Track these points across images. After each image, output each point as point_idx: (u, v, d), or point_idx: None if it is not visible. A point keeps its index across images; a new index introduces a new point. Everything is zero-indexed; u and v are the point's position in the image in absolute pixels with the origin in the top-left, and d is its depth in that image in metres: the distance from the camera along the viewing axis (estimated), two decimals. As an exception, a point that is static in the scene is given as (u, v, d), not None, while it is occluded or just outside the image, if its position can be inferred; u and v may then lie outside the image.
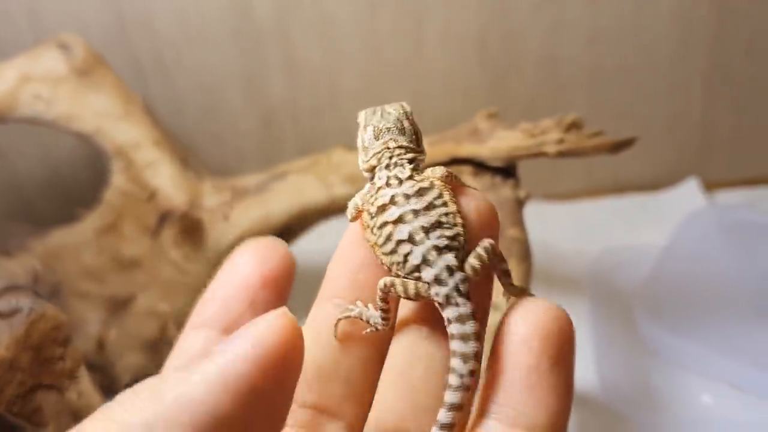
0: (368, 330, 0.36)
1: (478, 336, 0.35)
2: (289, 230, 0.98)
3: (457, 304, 0.35)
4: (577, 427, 0.97)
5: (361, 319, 0.36)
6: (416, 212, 0.36)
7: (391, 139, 0.39)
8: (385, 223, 0.36)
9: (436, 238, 0.35)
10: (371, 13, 1.12)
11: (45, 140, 1.19)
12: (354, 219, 0.38)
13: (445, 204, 0.36)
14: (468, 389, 0.34)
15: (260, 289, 0.36)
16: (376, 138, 0.39)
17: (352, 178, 0.94)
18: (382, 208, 0.36)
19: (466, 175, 0.88)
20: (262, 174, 1.00)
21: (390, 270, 0.36)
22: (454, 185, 0.38)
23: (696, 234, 1.15)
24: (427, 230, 0.35)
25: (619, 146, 0.82)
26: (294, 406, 0.34)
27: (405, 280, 0.35)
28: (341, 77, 1.18)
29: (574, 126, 0.82)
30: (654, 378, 1.01)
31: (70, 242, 0.99)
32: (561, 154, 0.82)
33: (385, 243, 0.36)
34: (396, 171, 0.38)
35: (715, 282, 1.11)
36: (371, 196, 0.37)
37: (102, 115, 0.96)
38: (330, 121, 1.22)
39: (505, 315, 0.34)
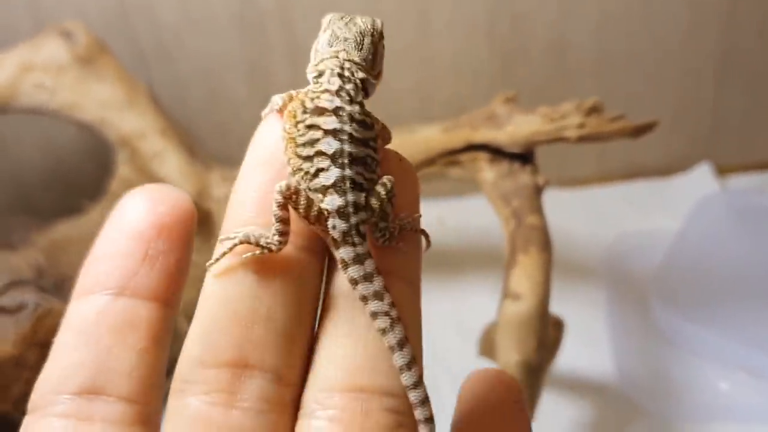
0: (257, 252, 0.32)
1: (379, 272, 0.32)
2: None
3: (353, 244, 0.33)
4: (594, 414, 0.96)
5: (250, 243, 0.32)
6: (352, 138, 0.34)
7: (343, 50, 0.36)
8: (315, 126, 0.34)
9: (356, 173, 0.33)
10: (375, -5, 1.11)
11: (46, 131, 1.17)
12: (282, 108, 0.35)
13: (375, 150, 0.34)
14: (400, 320, 0.32)
15: (155, 239, 0.31)
16: (330, 45, 0.37)
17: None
18: (320, 111, 0.34)
19: (482, 162, 0.86)
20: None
21: (293, 172, 0.33)
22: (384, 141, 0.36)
23: (709, 219, 1.14)
24: (352, 160, 0.33)
25: (640, 130, 0.81)
26: (207, 371, 0.31)
27: (310, 195, 0.33)
28: (345, 63, 1.16)
29: (594, 110, 0.80)
30: (670, 366, 1.00)
31: (75, 235, 0.97)
32: (582, 139, 0.80)
33: (304, 144, 0.33)
34: (350, 87, 0.35)
35: (730, 268, 1.10)
36: (313, 92, 0.35)
37: (106, 104, 0.94)
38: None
39: None
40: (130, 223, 0.31)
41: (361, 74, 0.36)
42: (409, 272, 0.34)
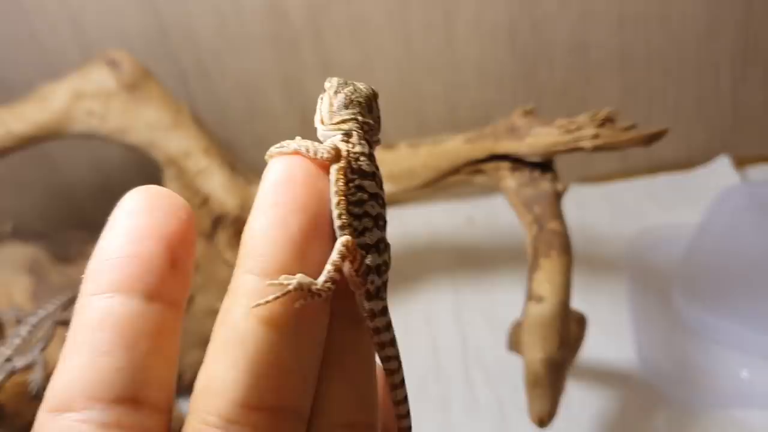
0: (307, 300, 0.33)
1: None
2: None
3: (382, 298, 0.36)
4: (618, 404, 1.00)
5: (302, 290, 0.32)
6: (384, 203, 0.37)
7: (360, 112, 0.39)
8: (362, 188, 0.36)
9: (385, 235, 0.37)
10: (401, 7, 1.15)
11: (96, 150, 1.23)
12: (331, 159, 0.36)
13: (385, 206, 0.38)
14: (401, 366, 0.37)
15: (180, 246, 0.32)
16: (346, 107, 0.39)
17: (392, 176, 0.97)
18: (364, 174, 0.37)
19: (505, 170, 0.90)
20: (306, 174, 1.03)
21: (341, 226, 0.35)
22: None
23: (730, 211, 1.16)
24: (384, 223, 0.37)
25: (652, 138, 0.84)
26: (253, 413, 0.31)
27: (363, 252, 0.36)
28: (375, 73, 1.21)
29: (608, 120, 0.84)
30: (692, 355, 1.03)
31: (127, 248, 1.03)
32: (597, 149, 0.84)
33: (354, 203, 0.36)
34: (371, 151, 0.38)
35: (750, 258, 1.12)
36: (353, 153, 0.37)
37: (153, 126, 1.00)
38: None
39: None
40: (158, 228, 0.32)
41: (376, 138, 0.40)
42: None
